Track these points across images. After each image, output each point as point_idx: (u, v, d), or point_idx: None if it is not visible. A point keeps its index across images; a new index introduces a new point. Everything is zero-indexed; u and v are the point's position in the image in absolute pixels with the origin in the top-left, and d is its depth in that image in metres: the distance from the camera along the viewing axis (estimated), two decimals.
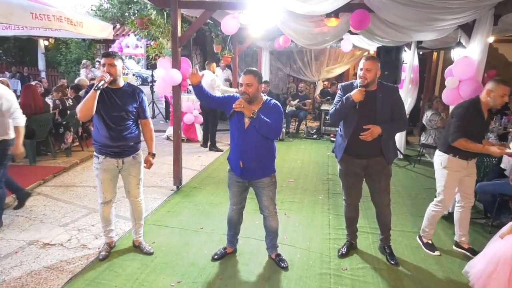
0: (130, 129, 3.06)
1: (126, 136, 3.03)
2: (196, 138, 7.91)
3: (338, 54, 10.89)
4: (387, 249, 3.36)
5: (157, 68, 4.88)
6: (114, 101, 2.96)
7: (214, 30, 8.80)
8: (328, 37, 5.69)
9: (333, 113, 3.09)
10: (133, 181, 3.19)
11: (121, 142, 3.02)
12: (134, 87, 3.13)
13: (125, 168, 3.12)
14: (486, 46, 3.82)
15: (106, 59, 2.93)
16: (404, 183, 5.56)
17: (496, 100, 3.11)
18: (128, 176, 3.16)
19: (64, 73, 12.24)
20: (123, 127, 3.01)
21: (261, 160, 2.93)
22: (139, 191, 3.27)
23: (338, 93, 3.19)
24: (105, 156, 3.02)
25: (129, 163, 3.11)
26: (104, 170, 3.05)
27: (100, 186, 3.11)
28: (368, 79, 2.93)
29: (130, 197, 3.26)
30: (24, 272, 3.00)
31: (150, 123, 3.27)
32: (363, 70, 2.95)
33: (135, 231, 3.40)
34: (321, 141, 8.50)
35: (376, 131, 2.89)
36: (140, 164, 3.22)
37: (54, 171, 5.41)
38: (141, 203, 3.31)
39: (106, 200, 3.15)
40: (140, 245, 3.38)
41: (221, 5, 4.78)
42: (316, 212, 4.35)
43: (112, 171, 3.08)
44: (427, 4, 3.65)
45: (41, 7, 4.56)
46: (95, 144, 3.05)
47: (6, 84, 7.00)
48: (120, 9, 12.71)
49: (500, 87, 3.08)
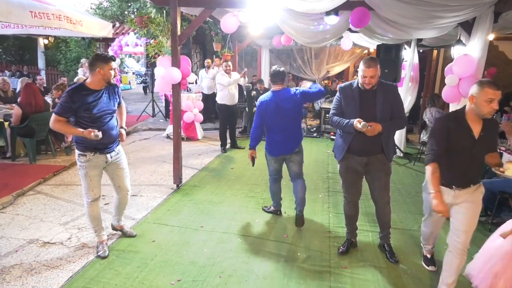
0: (115, 124, 3.20)
1: (112, 132, 3.14)
2: (196, 137, 7.91)
3: (338, 52, 10.88)
4: (387, 247, 3.36)
5: (156, 67, 4.88)
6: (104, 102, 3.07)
7: (214, 28, 8.80)
8: (328, 35, 5.69)
9: (334, 124, 3.17)
10: (122, 174, 3.32)
11: (108, 138, 3.10)
12: (114, 84, 3.21)
13: (113, 162, 3.22)
14: (486, 44, 3.81)
15: (114, 63, 3.02)
16: (404, 181, 5.56)
17: (481, 108, 2.37)
18: (116, 170, 3.27)
19: (63, 72, 12.23)
20: (110, 124, 3.12)
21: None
22: (129, 184, 3.44)
23: (337, 96, 3.19)
24: (93, 153, 3.06)
25: (115, 157, 3.23)
26: (94, 166, 3.10)
27: (88, 184, 3.13)
28: (373, 84, 2.96)
29: (123, 192, 3.38)
30: (24, 270, 3.00)
31: (123, 104, 3.45)
32: (367, 78, 2.93)
33: (117, 219, 3.58)
34: (321, 139, 8.50)
35: (377, 128, 2.90)
36: (124, 156, 3.37)
37: (54, 169, 5.41)
38: (130, 194, 3.49)
39: (96, 197, 3.19)
40: (122, 229, 3.60)
41: (220, 3, 4.77)
42: (316, 210, 4.36)
43: (100, 167, 3.16)
44: (427, 2, 3.65)
45: (41, 5, 4.55)
46: (82, 143, 3.03)
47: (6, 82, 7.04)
48: (120, 8, 12.70)
49: (484, 91, 2.34)
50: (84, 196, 3.18)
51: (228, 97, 6.80)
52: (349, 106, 3.08)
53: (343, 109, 3.13)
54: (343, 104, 3.13)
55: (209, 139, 8.09)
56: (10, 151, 5.82)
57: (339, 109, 3.17)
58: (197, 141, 7.87)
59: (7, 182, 4.77)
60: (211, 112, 9.56)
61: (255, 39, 8.24)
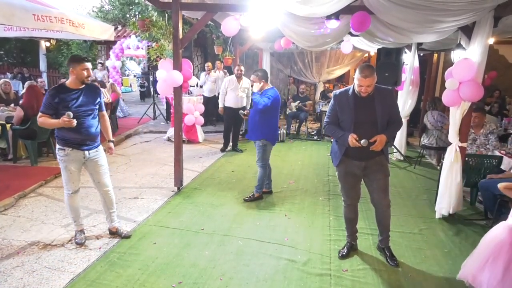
0: (95, 124, 3.37)
1: (91, 129, 3.30)
2: (197, 140, 7.92)
3: (339, 56, 10.92)
4: (386, 251, 3.37)
5: (158, 69, 4.90)
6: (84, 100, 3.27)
7: (215, 31, 8.84)
8: (329, 39, 5.71)
9: (329, 133, 3.29)
10: (101, 171, 3.46)
11: (87, 135, 3.28)
12: (94, 85, 3.44)
13: (91, 159, 3.36)
14: (486, 48, 3.82)
15: (87, 64, 3.20)
16: (405, 184, 5.56)
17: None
18: (95, 167, 3.41)
19: (65, 74, 12.27)
20: (88, 122, 3.29)
21: None
22: (109, 180, 3.57)
23: (331, 103, 3.21)
24: (71, 148, 3.25)
25: (94, 154, 3.38)
26: (72, 161, 3.27)
27: (68, 177, 3.33)
28: (369, 92, 3.00)
29: (102, 187, 3.50)
30: (25, 272, 3.01)
31: (106, 115, 3.60)
32: (364, 87, 2.95)
33: (110, 219, 3.64)
34: (321, 142, 8.50)
35: (383, 139, 2.95)
36: (104, 154, 3.52)
37: (56, 171, 5.42)
38: (110, 191, 3.58)
39: (76, 189, 3.40)
40: (117, 231, 3.65)
41: (222, 7, 4.80)
42: (317, 214, 4.36)
43: (79, 161, 3.32)
44: (427, 6, 3.66)
45: (43, 8, 4.57)
46: (62, 139, 3.25)
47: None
48: (122, 11, 12.77)
49: None
50: (65, 188, 3.40)
51: (235, 101, 6.89)
52: (344, 113, 3.10)
53: (338, 116, 3.15)
54: (338, 111, 3.14)
55: (210, 141, 8.11)
56: (12, 153, 5.84)
57: (333, 117, 3.19)
58: (198, 143, 7.88)
59: (8, 184, 4.79)
60: (212, 115, 9.58)
61: (256, 42, 8.26)
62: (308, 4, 4.09)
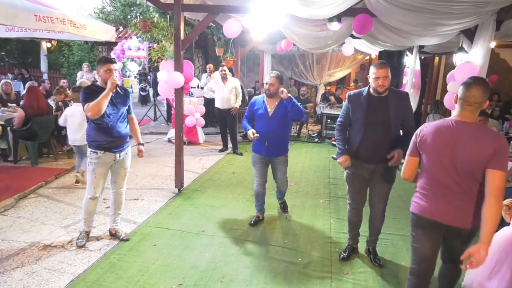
0: (125, 125, 3.46)
1: (120, 130, 3.37)
2: (198, 141, 7.92)
3: (340, 58, 10.92)
4: (371, 251, 3.39)
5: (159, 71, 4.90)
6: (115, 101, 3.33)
7: (216, 33, 8.84)
8: (330, 41, 5.71)
9: (336, 137, 3.29)
10: (122, 173, 3.52)
11: (118, 136, 3.34)
12: (123, 88, 3.51)
13: (120, 160, 3.42)
14: (488, 51, 3.83)
15: (110, 65, 3.22)
16: (406, 187, 5.53)
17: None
18: (119, 169, 3.48)
19: (66, 75, 12.28)
20: (119, 122, 3.37)
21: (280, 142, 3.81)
22: (125, 183, 3.63)
23: (345, 104, 3.20)
24: (104, 151, 3.29)
25: (123, 156, 3.46)
26: (102, 164, 3.31)
27: (92, 180, 3.35)
28: (386, 86, 2.93)
29: (117, 187, 3.54)
30: (25, 273, 3.00)
31: (135, 117, 3.72)
32: (381, 78, 2.89)
33: (113, 220, 3.66)
34: (322, 144, 8.49)
35: (401, 154, 2.85)
36: (130, 157, 3.61)
37: (56, 172, 5.42)
38: (123, 193, 3.62)
39: (96, 195, 3.40)
40: (116, 233, 3.65)
41: (224, 9, 4.80)
42: (318, 216, 4.35)
43: (108, 165, 3.37)
44: (430, 9, 3.66)
45: (45, 9, 4.58)
46: (94, 142, 3.30)
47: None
48: (123, 12, 12.76)
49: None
50: (86, 192, 3.43)
51: (221, 101, 6.98)
52: (356, 113, 3.08)
53: (351, 117, 3.13)
54: (350, 112, 3.13)
55: (211, 143, 8.10)
56: (12, 154, 5.84)
57: (346, 117, 3.18)
58: (199, 145, 7.87)
59: (9, 184, 4.78)
60: (213, 117, 9.57)
61: (257, 44, 8.27)
62: (310, 6, 4.09)
